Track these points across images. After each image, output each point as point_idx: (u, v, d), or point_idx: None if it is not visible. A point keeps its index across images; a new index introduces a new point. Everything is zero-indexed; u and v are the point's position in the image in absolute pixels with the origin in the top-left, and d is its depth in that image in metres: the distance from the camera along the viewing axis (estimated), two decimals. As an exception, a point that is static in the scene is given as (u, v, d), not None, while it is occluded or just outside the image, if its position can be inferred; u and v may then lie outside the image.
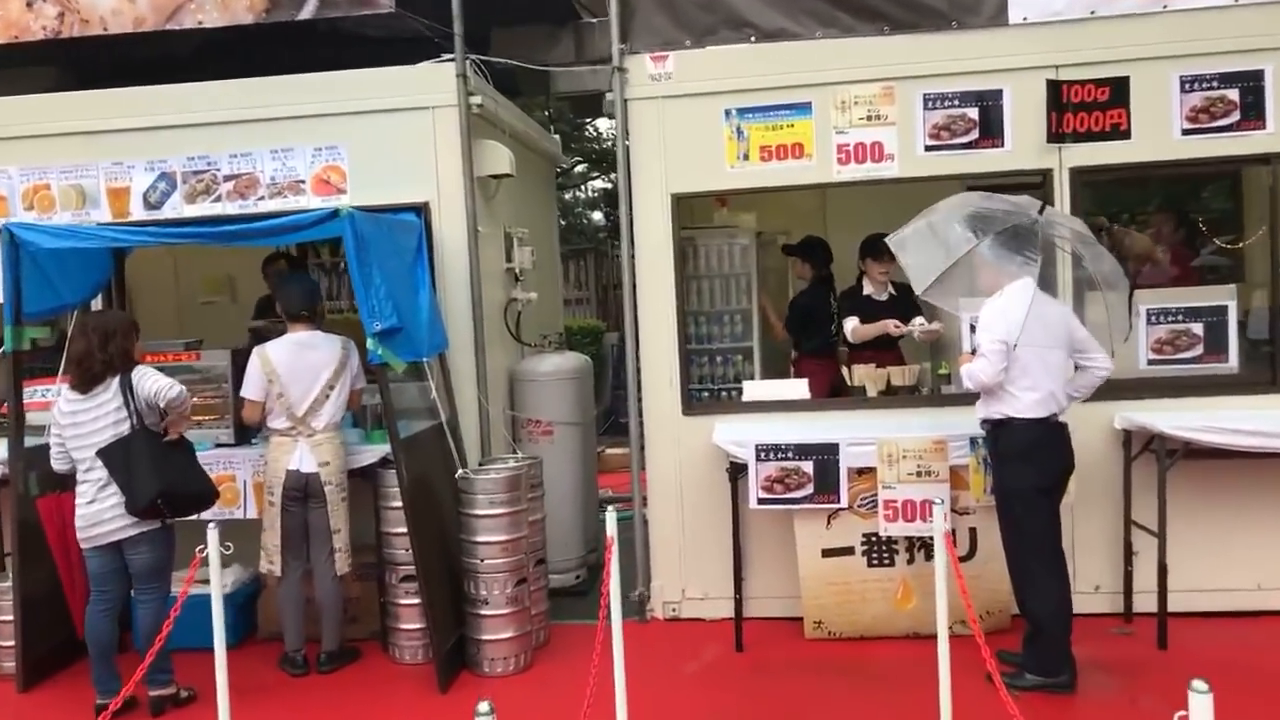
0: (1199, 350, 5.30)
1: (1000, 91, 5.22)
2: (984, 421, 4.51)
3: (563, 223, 17.76)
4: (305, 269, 7.08)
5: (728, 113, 5.41)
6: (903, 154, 5.30)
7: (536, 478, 5.39)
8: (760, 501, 5.02)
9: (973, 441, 4.88)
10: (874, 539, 5.07)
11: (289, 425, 4.93)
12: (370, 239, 4.66)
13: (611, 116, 5.66)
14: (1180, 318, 5.31)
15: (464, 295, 5.63)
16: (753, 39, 5.39)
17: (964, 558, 5.00)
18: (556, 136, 9.44)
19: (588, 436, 6.33)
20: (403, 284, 4.96)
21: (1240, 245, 5.82)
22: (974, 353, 4.43)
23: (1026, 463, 4.36)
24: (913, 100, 5.28)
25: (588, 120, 15.85)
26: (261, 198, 5.71)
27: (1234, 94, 5.10)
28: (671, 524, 5.57)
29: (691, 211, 6.60)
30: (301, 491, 4.93)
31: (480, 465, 5.37)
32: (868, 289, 6.10)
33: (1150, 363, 5.33)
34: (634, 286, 5.56)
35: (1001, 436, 4.42)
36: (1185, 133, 5.14)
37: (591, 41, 6.25)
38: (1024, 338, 4.23)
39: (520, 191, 6.63)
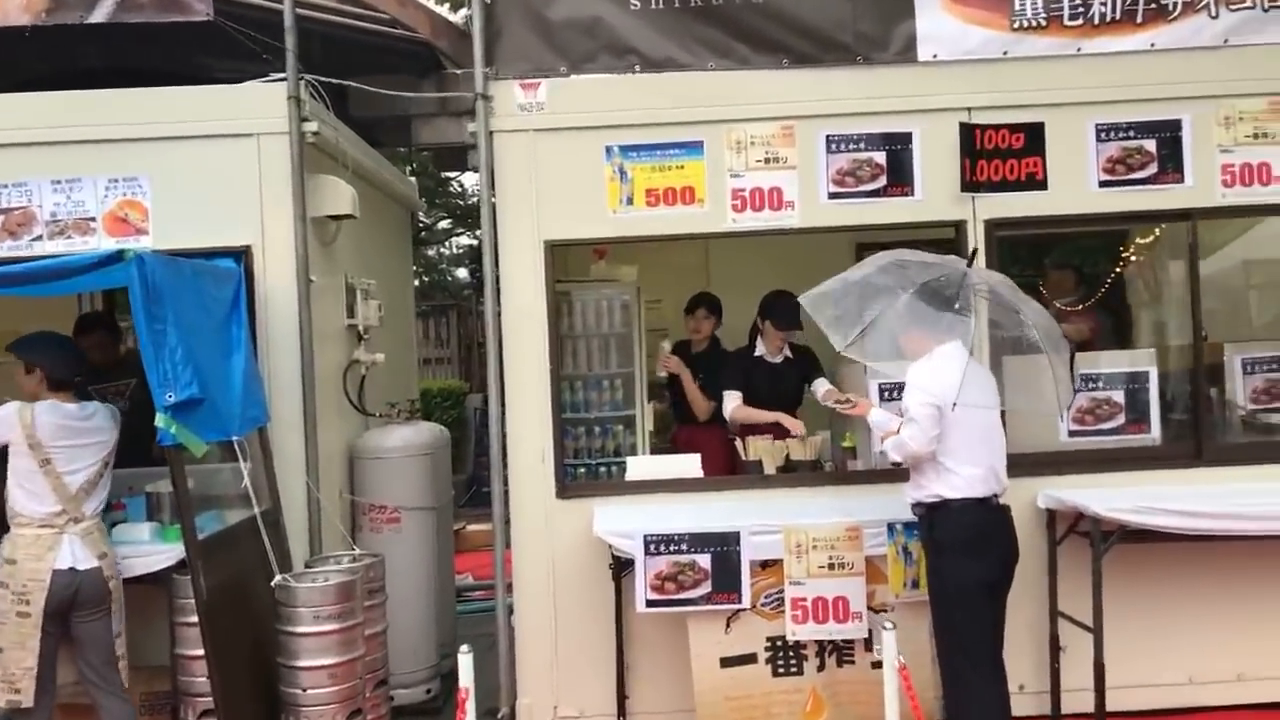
0: (1120, 420, 4.86)
1: (910, 135, 4.72)
2: (916, 505, 3.90)
3: (425, 279, 16.84)
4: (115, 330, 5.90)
5: (609, 150, 4.71)
6: (804, 201, 4.71)
7: (377, 580, 4.46)
8: (650, 604, 4.23)
9: (890, 528, 4.25)
10: (780, 644, 4.34)
11: (55, 510, 3.87)
12: (166, 289, 3.73)
13: (475, 169, 4.87)
14: (1101, 385, 4.87)
15: (292, 358, 4.70)
16: (637, 68, 4.74)
17: (880, 663, 4.32)
18: (413, 179, 8.59)
19: (443, 522, 5.41)
20: (209, 345, 4.02)
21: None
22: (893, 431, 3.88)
23: (968, 554, 3.76)
24: (815, 142, 4.72)
25: (453, 175, 15.13)
26: (38, 237, 4.67)
27: (1151, 145, 4.74)
28: (542, 627, 4.71)
29: (566, 263, 5.86)
30: (71, 597, 3.87)
31: (306, 568, 4.40)
32: (760, 350, 5.48)
33: (1071, 434, 4.86)
34: (499, 346, 4.75)
35: (937, 522, 3.82)
36: (1103, 184, 4.75)
37: (455, 91, 5.52)
38: (962, 397, 3.66)
39: (367, 237, 5.75)
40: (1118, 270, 6.90)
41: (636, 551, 4.21)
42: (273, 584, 4.06)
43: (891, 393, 4.59)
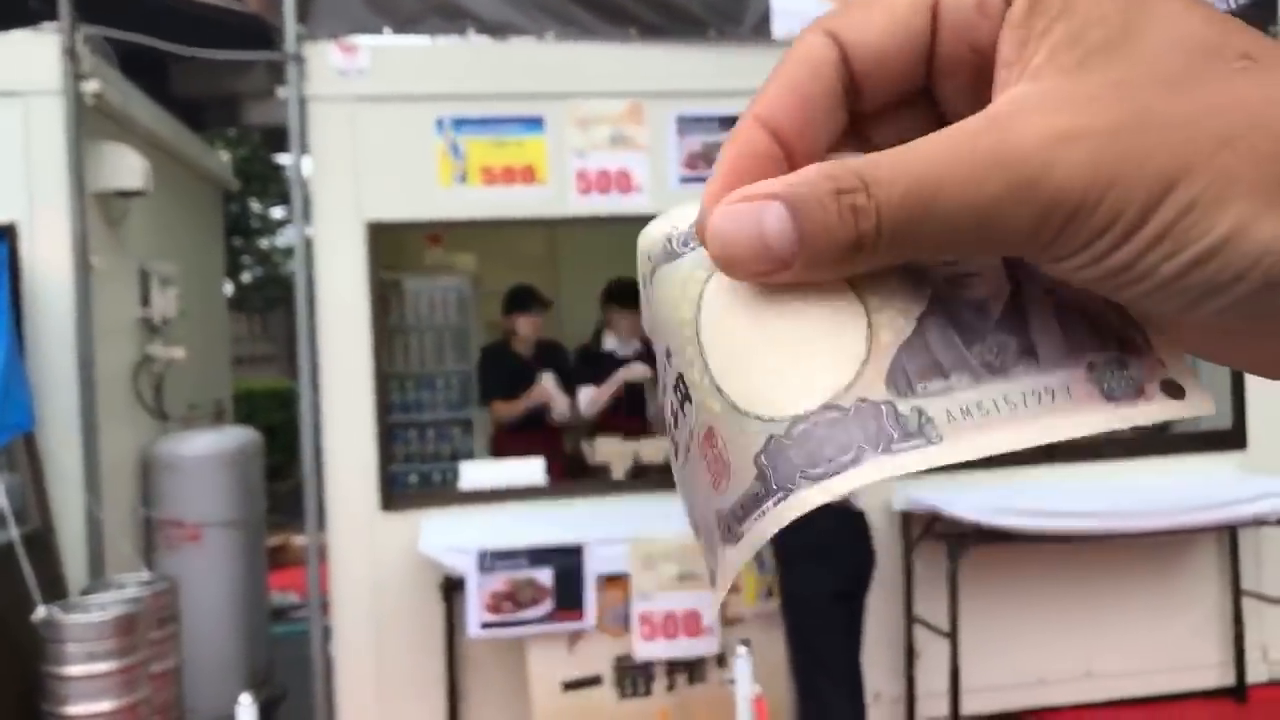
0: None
1: (764, 117, 4.45)
2: None
3: (259, 272, 15.79)
4: None
5: (440, 123, 4.26)
6: (654, 185, 4.39)
7: (168, 607, 3.88)
8: (484, 626, 3.81)
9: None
10: (627, 663, 4.00)
11: None
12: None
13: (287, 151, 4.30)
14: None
15: (67, 354, 4.05)
16: (471, 31, 4.30)
17: (734, 679, 4.05)
18: (225, 155, 7.84)
19: (253, 537, 4.83)
20: (-51, 337, 3.35)
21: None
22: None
23: (821, 563, 3.52)
24: (665, 122, 4.39)
25: (286, 165, 14.22)
26: None
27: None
28: (364, 653, 4.21)
29: (397, 248, 5.37)
30: None
31: (81, 596, 3.78)
32: (610, 344, 5.15)
33: (926, 432, 4.71)
34: (313, 340, 4.22)
35: (791, 530, 3.51)
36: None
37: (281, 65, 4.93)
38: None
39: (165, 217, 5.10)
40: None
41: (469, 569, 3.79)
42: (34, 618, 3.43)
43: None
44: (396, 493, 4.51)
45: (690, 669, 4.04)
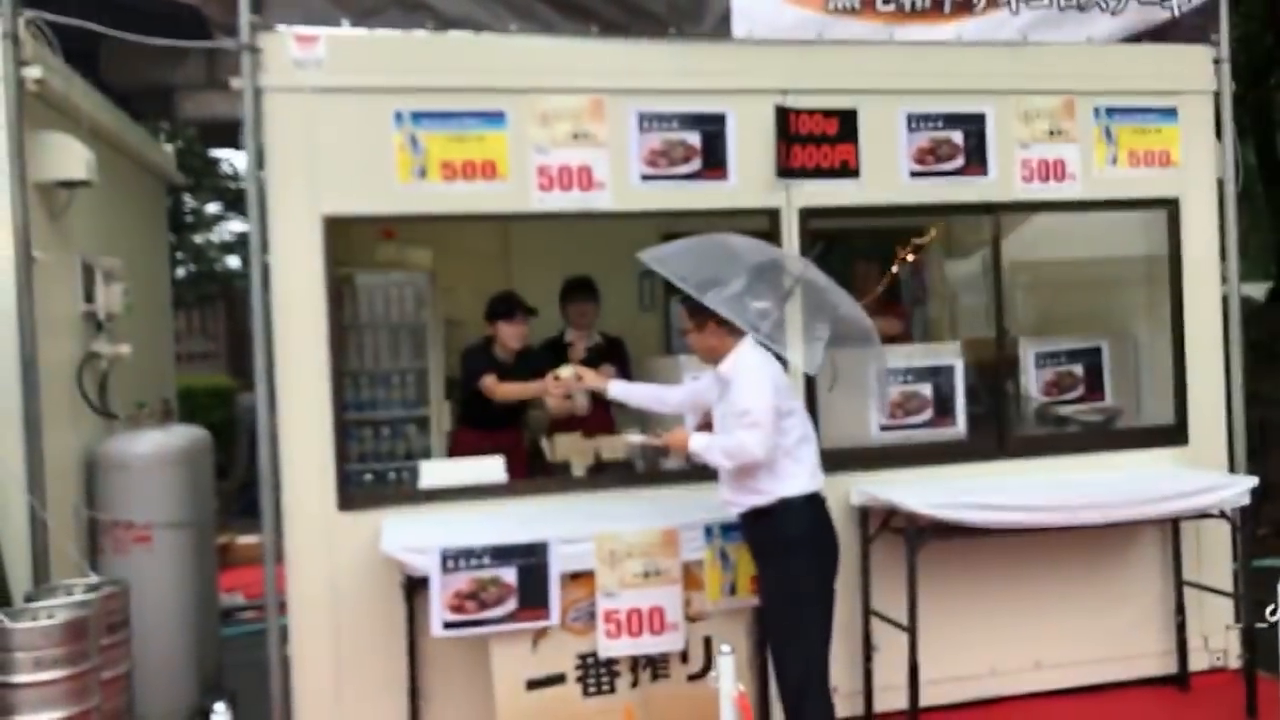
0: (929, 414, 4.84)
1: (724, 116, 4.47)
2: (747, 512, 3.68)
3: (194, 268, 15.38)
4: None
5: (399, 116, 4.19)
6: (615, 182, 4.37)
7: (119, 612, 3.77)
8: (447, 625, 3.77)
9: (708, 530, 3.99)
10: (591, 661, 3.98)
11: None
12: None
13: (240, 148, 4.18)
14: (910, 379, 4.82)
15: (8, 350, 3.91)
16: (430, 26, 4.24)
17: (698, 675, 4.07)
18: (169, 148, 7.64)
19: (203, 538, 4.71)
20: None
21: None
22: (700, 426, 3.73)
23: (812, 552, 3.63)
24: (626, 119, 4.38)
25: (223, 155, 13.93)
26: None
27: (958, 137, 4.72)
28: (322, 655, 4.13)
29: (350, 243, 5.28)
30: None
31: (27, 603, 3.65)
32: (569, 336, 5.20)
33: (883, 429, 4.79)
34: (268, 338, 4.13)
35: (778, 523, 3.62)
36: (913, 175, 4.68)
37: (226, 63, 4.80)
38: (793, 395, 3.73)
39: (111, 210, 4.96)
40: (916, 263, 7.06)
41: (431, 568, 3.74)
42: (-24, 626, 3.31)
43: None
44: (353, 492, 4.43)
45: (654, 665, 4.04)
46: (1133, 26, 4.87)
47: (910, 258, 7.06)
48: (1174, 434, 4.95)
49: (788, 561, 3.61)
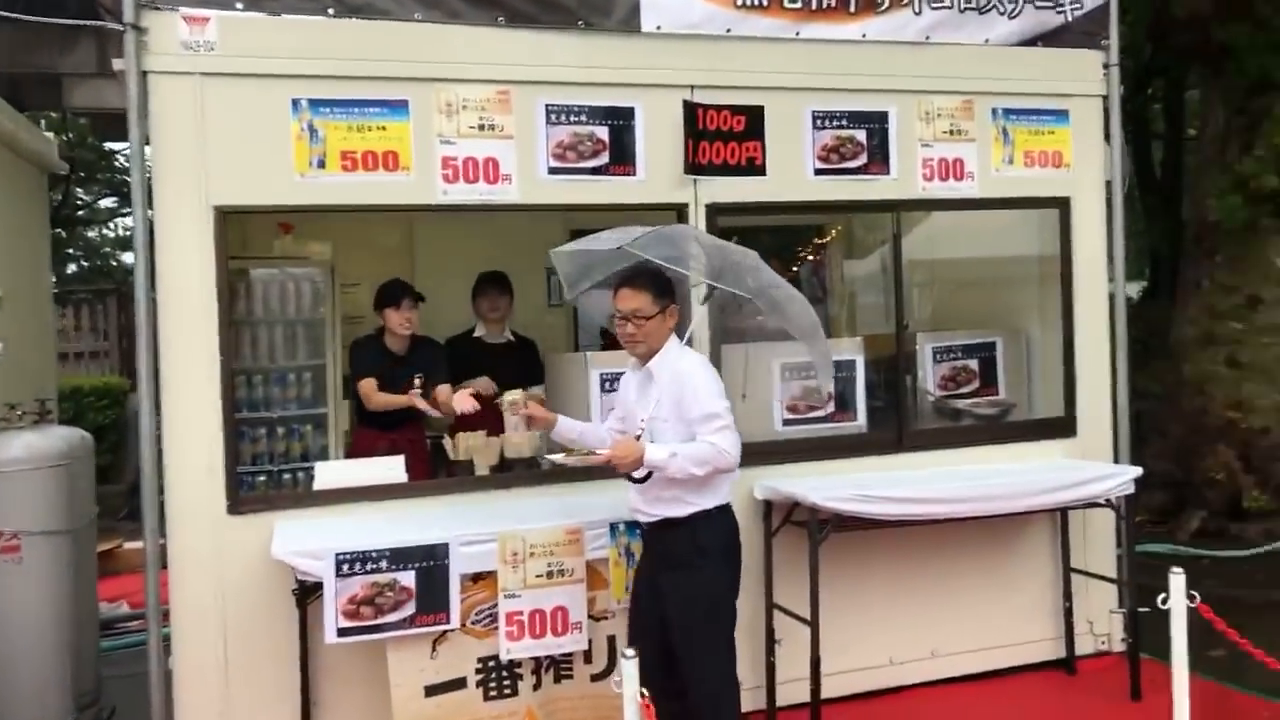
0: (830, 408, 4.90)
1: (633, 110, 4.44)
2: (659, 522, 3.53)
3: (85, 264, 14.69)
4: None
5: (296, 104, 4.04)
6: (522, 175, 4.30)
7: (-13, 625, 3.53)
8: (341, 632, 3.65)
9: (612, 528, 3.96)
10: (493, 664, 3.91)
11: None
12: None
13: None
14: (810, 374, 4.87)
15: None
16: (331, 11, 4.09)
17: (601, 675, 4.04)
18: (50, 135, 7.25)
19: (83, 546, 4.45)
20: None
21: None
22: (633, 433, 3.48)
23: (726, 562, 3.56)
24: (534, 111, 4.31)
25: (117, 148, 13.29)
26: None
27: (862, 135, 4.78)
28: (209, 666, 3.95)
29: (245, 236, 5.09)
30: None
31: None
32: (480, 330, 5.13)
33: (786, 423, 4.83)
34: (153, 334, 3.93)
35: (696, 533, 3.48)
36: (818, 172, 4.73)
37: (117, 48, 4.56)
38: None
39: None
40: (816, 260, 7.21)
41: (326, 573, 3.62)
42: None
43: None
44: (245, 495, 4.27)
45: (557, 666, 3.99)
46: (1029, 30, 5.00)
47: (811, 256, 7.21)
48: (1063, 426, 5.12)
49: (704, 572, 3.49)
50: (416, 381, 4.64)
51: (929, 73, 4.86)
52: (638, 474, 3.42)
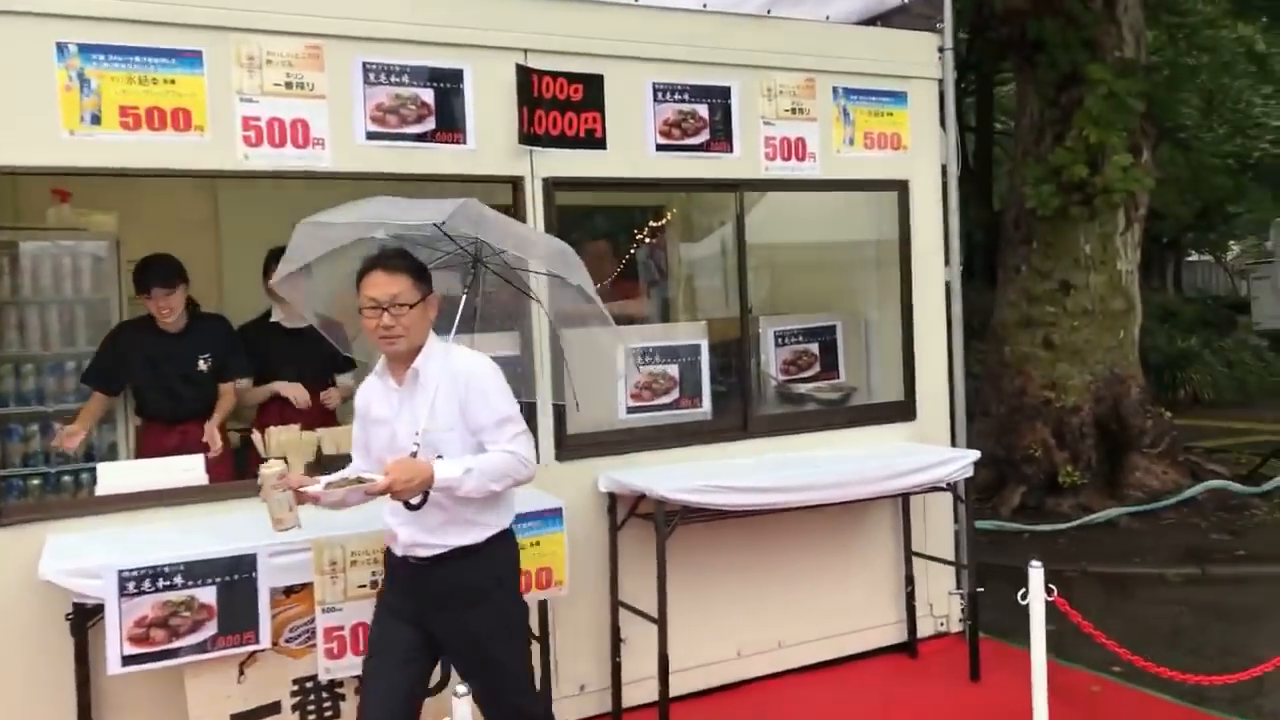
0: (675, 395, 4.70)
1: (461, 73, 4.08)
2: (467, 549, 2.92)
3: None
4: None
5: (63, 49, 3.47)
6: (337, 139, 3.87)
7: None
8: (128, 660, 3.16)
9: (445, 530, 3.60)
10: (311, 685, 3.50)
11: None
12: None
13: None
14: (657, 358, 4.66)
15: None
16: (105, -57, 3.54)
17: (434, 689, 3.69)
18: None
19: None
20: None
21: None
22: (409, 452, 2.85)
23: (518, 585, 3.14)
24: (349, 68, 3.89)
25: None
26: None
27: (704, 110, 4.59)
28: (-32, 705, 3.38)
29: (13, 204, 4.42)
30: None
31: None
32: (277, 315, 4.63)
33: (630, 411, 4.60)
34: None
35: (493, 560, 2.98)
36: (660, 148, 4.50)
37: None
38: None
39: None
40: (650, 242, 7.02)
41: (108, 594, 3.11)
42: None
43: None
44: (10, 502, 3.68)
45: (385, 683, 3.61)
46: (869, 9, 4.95)
47: (648, 239, 7.01)
48: (903, 410, 5.12)
49: (505, 602, 3.01)
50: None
51: (771, 48, 4.71)
52: (415, 499, 2.82)
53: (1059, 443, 8.16)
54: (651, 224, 7.09)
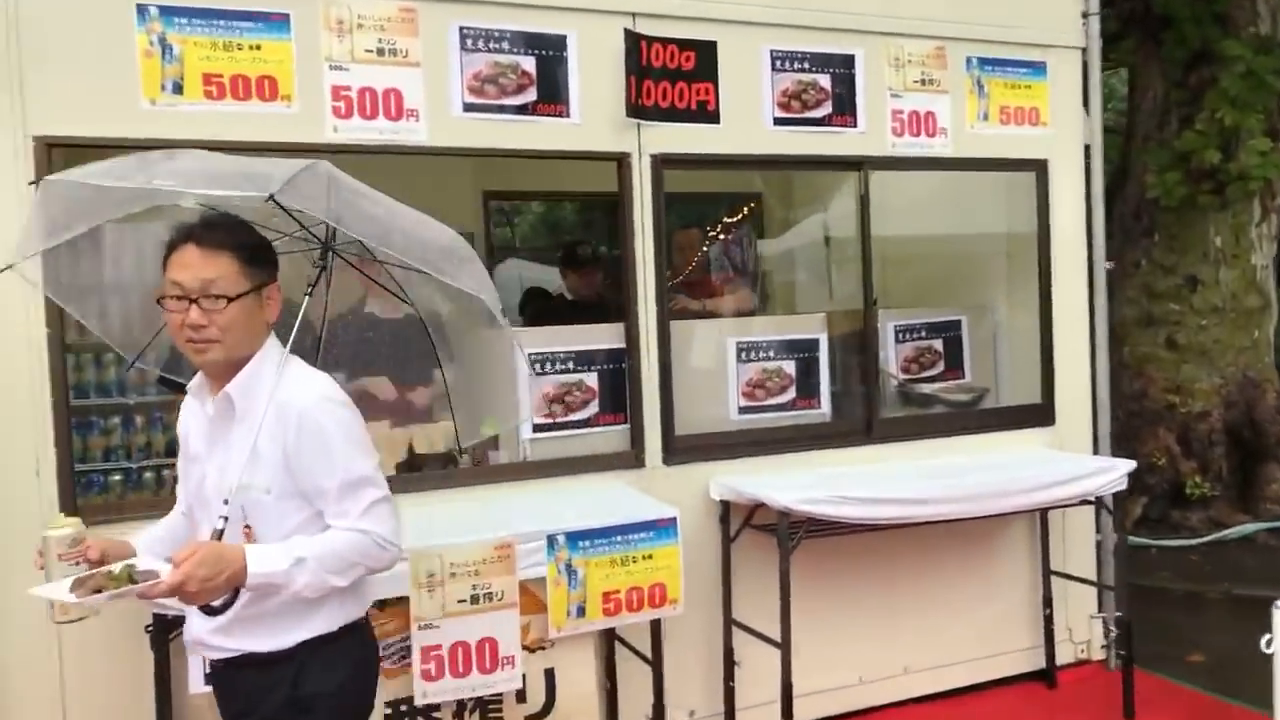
0: (792, 394, 4.29)
1: (564, 39, 3.73)
2: (260, 659, 2.11)
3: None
4: None
5: (143, 11, 3.20)
6: (432, 111, 3.55)
7: None
8: (210, 680, 2.85)
9: (550, 541, 3.26)
10: (406, 709, 3.18)
11: None
12: None
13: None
14: (771, 354, 4.26)
15: None
16: (187, -104, 3.26)
17: (536, 715, 3.35)
18: None
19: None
20: None
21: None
22: (219, 527, 2.04)
23: (372, 674, 2.31)
24: (445, 33, 3.57)
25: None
26: None
27: (826, 81, 4.17)
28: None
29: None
30: None
31: None
32: (371, 306, 4.35)
33: (742, 410, 4.20)
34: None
35: (348, 651, 2.19)
36: (778, 122, 4.10)
37: None
38: None
39: None
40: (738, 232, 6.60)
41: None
42: None
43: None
44: (91, 499, 3.43)
45: (485, 708, 3.28)
46: (1005, -30, 4.48)
47: (734, 230, 6.60)
48: (1041, 414, 4.64)
49: (354, 699, 2.23)
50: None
51: (899, 13, 4.28)
52: (218, 600, 2.04)
53: (1185, 450, 7.54)
54: (745, 208, 6.70)
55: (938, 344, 4.91)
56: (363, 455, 2.11)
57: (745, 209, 6.61)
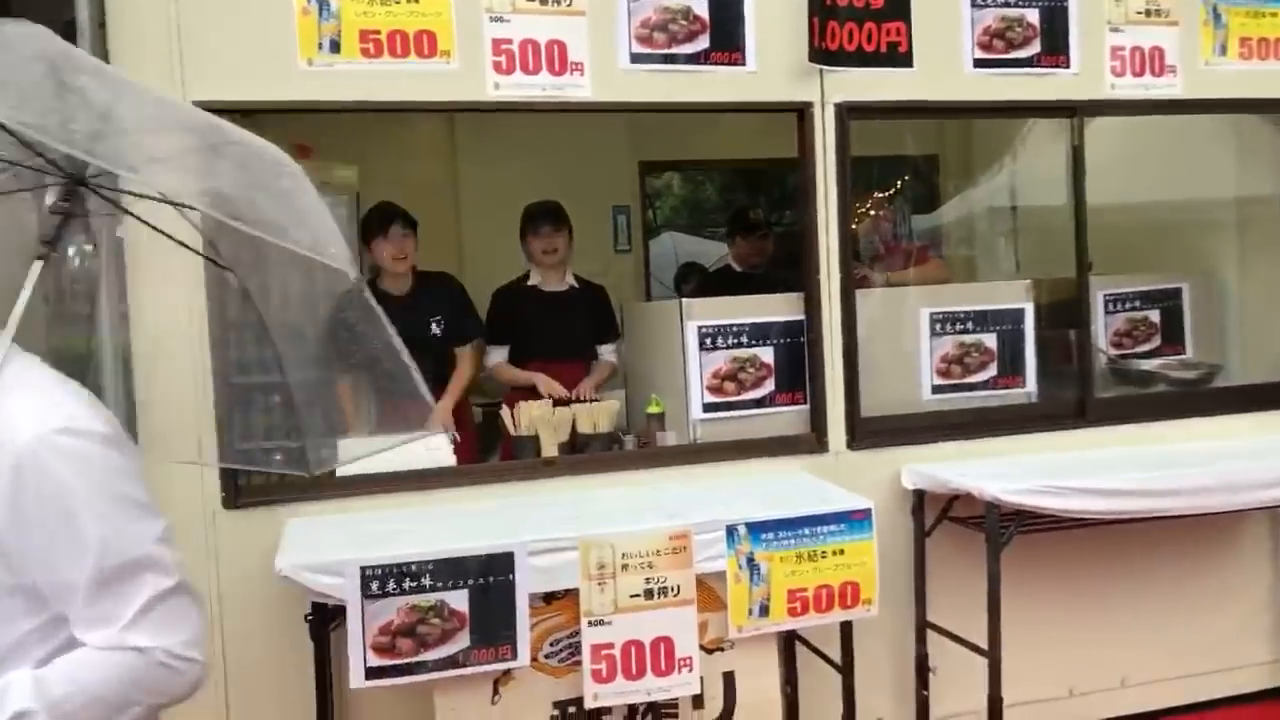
0: (993, 371, 3.84)
1: (740, -23, 3.38)
2: None
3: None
4: None
5: (300, -34, 3.04)
6: (597, 64, 3.26)
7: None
8: (372, 673, 2.68)
9: (730, 532, 2.95)
10: (575, 711, 2.93)
11: None
12: None
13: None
14: (969, 326, 3.81)
15: None
16: None
17: (715, 720, 3.06)
18: None
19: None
20: None
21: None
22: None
23: None
24: (610, -24, 3.27)
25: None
26: None
27: (1034, 15, 3.67)
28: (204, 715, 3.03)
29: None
30: None
31: None
32: (535, 278, 4.22)
33: (935, 390, 3.78)
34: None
35: None
36: (978, 64, 3.63)
37: None
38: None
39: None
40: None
41: (350, 595, 2.65)
42: None
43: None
44: (251, 481, 3.33)
45: (658, 712, 3.01)
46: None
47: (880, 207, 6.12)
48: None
49: None
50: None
51: (1121, -70, 3.73)
52: None
53: None
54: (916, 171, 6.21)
55: (1154, 315, 4.34)
56: (135, 518, 1.36)
57: (916, 172, 6.13)
